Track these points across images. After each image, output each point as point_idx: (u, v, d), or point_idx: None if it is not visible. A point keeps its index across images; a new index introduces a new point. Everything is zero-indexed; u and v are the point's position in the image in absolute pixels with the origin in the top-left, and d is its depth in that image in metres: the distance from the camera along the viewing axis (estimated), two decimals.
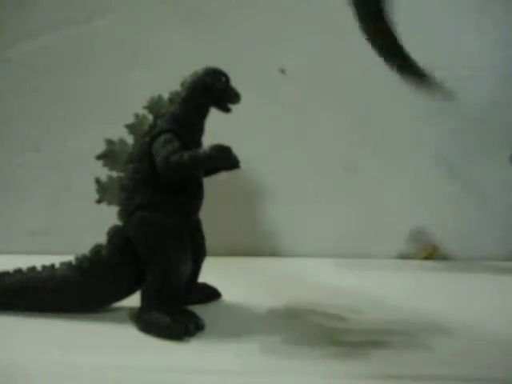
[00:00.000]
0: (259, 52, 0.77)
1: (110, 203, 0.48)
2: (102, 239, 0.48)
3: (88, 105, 0.78)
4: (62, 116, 0.79)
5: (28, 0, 0.78)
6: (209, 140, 0.47)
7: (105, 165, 0.48)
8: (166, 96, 0.49)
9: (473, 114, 0.76)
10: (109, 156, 0.48)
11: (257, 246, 0.76)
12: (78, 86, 0.79)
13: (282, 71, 0.77)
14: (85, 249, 0.48)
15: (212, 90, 0.48)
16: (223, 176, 0.51)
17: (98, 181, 0.48)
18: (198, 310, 0.47)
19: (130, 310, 0.48)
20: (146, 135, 0.47)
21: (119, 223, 0.48)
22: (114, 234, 0.48)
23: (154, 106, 0.48)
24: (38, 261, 0.49)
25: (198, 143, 0.49)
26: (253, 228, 0.77)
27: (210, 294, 0.54)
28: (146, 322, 0.44)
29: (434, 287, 0.62)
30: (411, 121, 0.77)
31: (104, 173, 0.48)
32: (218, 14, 0.78)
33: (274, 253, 0.76)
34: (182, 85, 0.48)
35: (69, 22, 0.78)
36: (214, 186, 0.51)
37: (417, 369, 0.38)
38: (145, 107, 0.48)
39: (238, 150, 0.45)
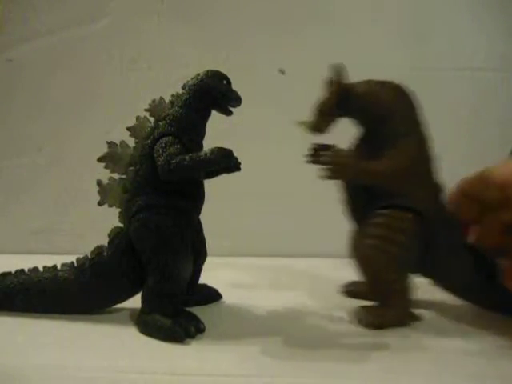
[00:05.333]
0: (260, 53, 0.77)
1: (111, 205, 0.48)
2: (104, 240, 0.49)
3: (89, 105, 0.78)
4: (63, 116, 0.79)
5: (30, 1, 0.78)
6: (210, 142, 0.47)
7: (106, 167, 0.48)
8: (167, 98, 0.49)
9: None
10: (110, 158, 0.48)
11: (257, 246, 0.76)
12: (79, 86, 0.79)
13: (282, 72, 0.77)
14: (86, 249, 0.49)
15: (213, 93, 0.48)
16: (224, 177, 0.51)
17: (99, 183, 0.48)
18: (199, 311, 0.47)
19: (131, 311, 0.48)
20: (148, 138, 0.47)
21: (121, 225, 0.49)
22: (116, 235, 0.48)
23: (156, 108, 0.48)
24: (40, 261, 0.50)
25: (199, 146, 0.49)
26: (253, 228, 0.77)
27: (211, 296, 0.54)
28: (146, 323, 0.45)
29: (434, 287, 0.62)
30: None
31: (106, 174, 0.49)
32: (219, 15, 0.78)
33: (274, 253, 0.76)
34: (184, 87, 0.48)
35: (70, 23, 0.79)
36: (214, 186, 0.51)
37: (415, 370, 0.38)
38: (146, 110, 0.49)
39: (238, 152, 0.45)
